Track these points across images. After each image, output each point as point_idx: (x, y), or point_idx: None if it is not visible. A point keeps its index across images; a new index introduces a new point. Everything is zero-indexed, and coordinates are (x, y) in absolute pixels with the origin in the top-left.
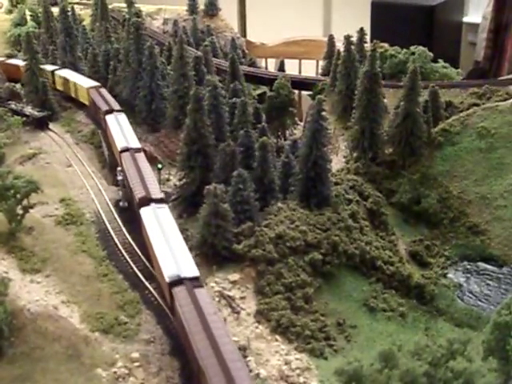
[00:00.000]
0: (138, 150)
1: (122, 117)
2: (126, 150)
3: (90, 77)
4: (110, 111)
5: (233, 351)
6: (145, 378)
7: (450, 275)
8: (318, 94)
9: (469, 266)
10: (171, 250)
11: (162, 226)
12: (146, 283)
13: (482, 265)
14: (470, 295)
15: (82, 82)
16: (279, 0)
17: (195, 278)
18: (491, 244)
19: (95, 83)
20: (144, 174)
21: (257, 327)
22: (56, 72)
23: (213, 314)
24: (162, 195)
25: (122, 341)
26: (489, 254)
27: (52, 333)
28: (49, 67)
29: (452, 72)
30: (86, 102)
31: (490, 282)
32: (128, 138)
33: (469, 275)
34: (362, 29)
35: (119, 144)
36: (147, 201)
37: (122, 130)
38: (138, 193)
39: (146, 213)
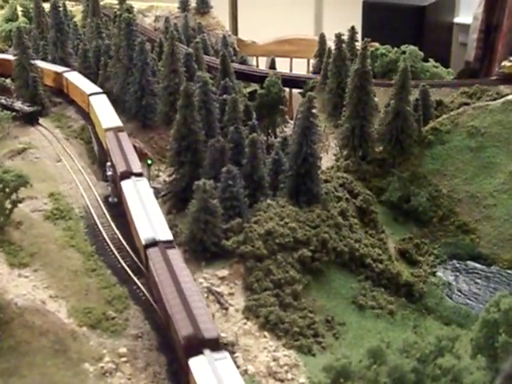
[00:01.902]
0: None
1: (144, 182)
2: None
3: (87, 76)
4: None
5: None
6: (132, 373)
7: (439, 273)
8: (308, 92)
9: (458, 265)
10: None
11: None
12: (135, 278)
13: (470, 263)
14: (459, 293)
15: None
16: None
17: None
18: (480, 243)
19: (117, 122)
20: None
21: (245, 323)
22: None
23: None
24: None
25: (110, 336)
26: (478, 252)
27: (39, 327)
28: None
29: (442, 71)
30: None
31: (479, 281)
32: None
33: (458, 274)
34: (353, 27)
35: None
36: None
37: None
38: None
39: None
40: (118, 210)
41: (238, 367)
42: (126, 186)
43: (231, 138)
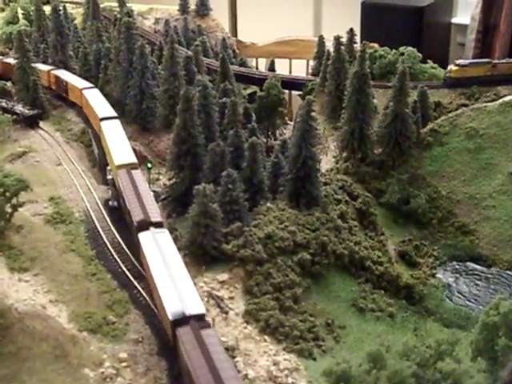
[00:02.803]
0: None
1: (165, 235)
2: None
3: (83, 77)
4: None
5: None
6: (132, 378)
7: (438, 275)
8: (307, 94)
9: (457, 266)
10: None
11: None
12: (135, 282)
13: (470, 265)
14: (459, 295)
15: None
16: (270, 0)
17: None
18: (480, 244)
19: (130, 157)
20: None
21: (245, 327)
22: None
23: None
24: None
25: (110, 341)
26: (477, 254)
27: (39, 332)
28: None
29: (441, 72)
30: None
31: (479, 282)
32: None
33: (458, 275)
34: (351, 29)
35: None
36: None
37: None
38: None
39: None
40: (119, 213)
41: (238, 372)
42: (145, 239)
43: (231, 142)
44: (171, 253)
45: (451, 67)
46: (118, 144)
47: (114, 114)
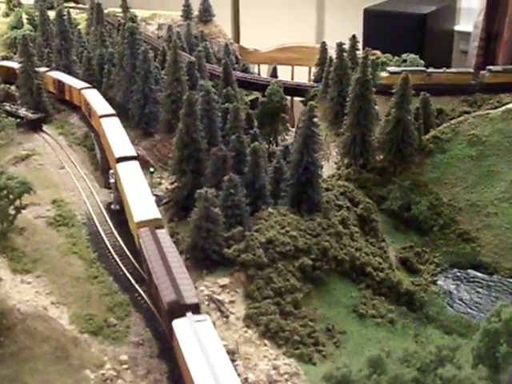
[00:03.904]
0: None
1: (207, 324)
2: None
3: (84, 80)
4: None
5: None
6: (133, 380)
7: (439, 282)
8: (309, 101)
9: (459, 274)
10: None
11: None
12: (136, 286)
13: (472, 272)
14: (460, 303)
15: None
16: (273, 7)
17: None
18: (482, 251)
19: (154, 212)
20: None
21: (246, 331)
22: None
23: None
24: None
25: (111, 343)
26: (479, 261)
27: (41, 333)
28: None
29: None
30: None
31: (480, 290)
32: None
33: (459, 282)
34: (354, 36)
35: None
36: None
37: None
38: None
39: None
40: (120, 217)
41: (238, 375)
42: (181, 330)
43: (233, 147)
44: (217, 351)
45: (383, 74)
46: (138, 193)
47: (128, 146)
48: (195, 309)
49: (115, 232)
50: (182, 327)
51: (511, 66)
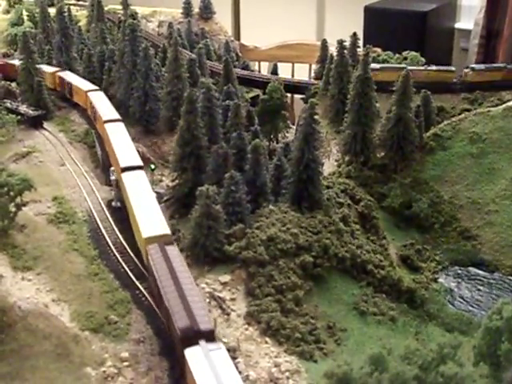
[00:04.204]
0: None
1: (222, 352)
2: None
3: (87, 79)
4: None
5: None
6: (134, 377)
7: (440, 280)
8: (310, 98)
9: (460, 271)
10: None
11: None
12: (137, 283)
13: (473, 270)
14: (461, 300)
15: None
16: (273, 4)
17: None
18: (482, 249)
19: (163, 227)
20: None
21: (247, 329)
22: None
23: None
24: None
25: (112, 340)
26: (480, 259)
27: (42, 331)
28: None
29: None
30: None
31: (481, 288)
32: None
33: (460, 280)
34: (354, 33)
35: None
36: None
37: None
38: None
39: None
40: (121, 214)
41: (239, 373)
42: (194, 360)
43: (234, 144)
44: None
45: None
46: (145, 205)
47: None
48: (210, 335)
49: (116, 229)
50: (196, 357)
51: (494, 65)
